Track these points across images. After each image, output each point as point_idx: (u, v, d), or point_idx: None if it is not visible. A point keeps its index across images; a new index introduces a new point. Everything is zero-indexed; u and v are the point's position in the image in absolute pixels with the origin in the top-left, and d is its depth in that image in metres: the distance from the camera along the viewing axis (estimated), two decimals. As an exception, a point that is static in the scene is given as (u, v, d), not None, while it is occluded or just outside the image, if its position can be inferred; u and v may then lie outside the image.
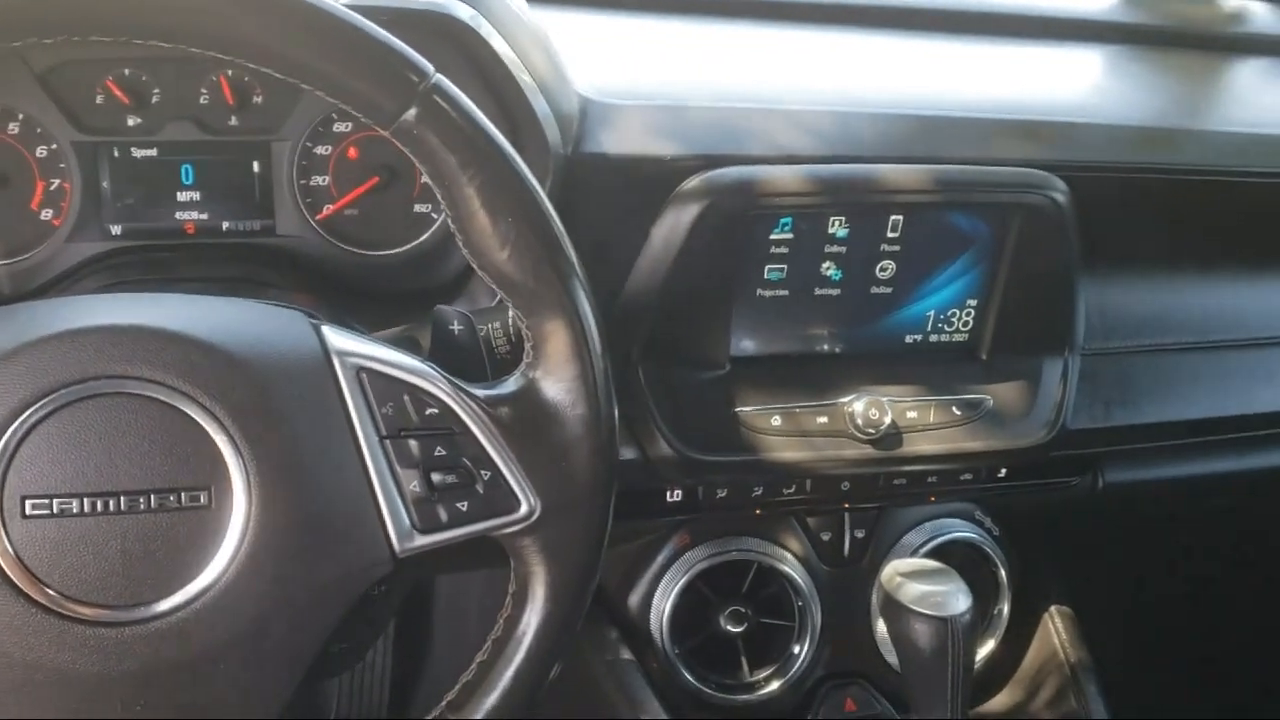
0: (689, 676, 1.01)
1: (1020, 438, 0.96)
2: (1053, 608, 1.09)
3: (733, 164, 0.87)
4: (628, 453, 0.91)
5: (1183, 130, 1.07)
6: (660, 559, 1.01)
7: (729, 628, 1.01)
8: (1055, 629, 1.08)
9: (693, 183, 0.87)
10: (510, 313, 0.68)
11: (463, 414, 0.64)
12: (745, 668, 1.03)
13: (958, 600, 0.85)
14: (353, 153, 0.93)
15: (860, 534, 1.05)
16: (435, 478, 0.64)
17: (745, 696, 1.02)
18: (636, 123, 0.89)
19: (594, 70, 0.94)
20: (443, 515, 0.64)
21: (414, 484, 0.63)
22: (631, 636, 1.01)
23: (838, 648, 1.06)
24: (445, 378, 0.64)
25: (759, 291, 0.92)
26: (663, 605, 1.00)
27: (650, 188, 0.88)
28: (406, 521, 0.63)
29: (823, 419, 0.93)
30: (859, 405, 0.93)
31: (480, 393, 0.65)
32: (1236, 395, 1.06)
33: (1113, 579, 1.33)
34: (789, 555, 1.03)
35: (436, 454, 0.64)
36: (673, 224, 0.87)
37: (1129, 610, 1.37)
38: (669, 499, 0.97)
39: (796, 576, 1.02)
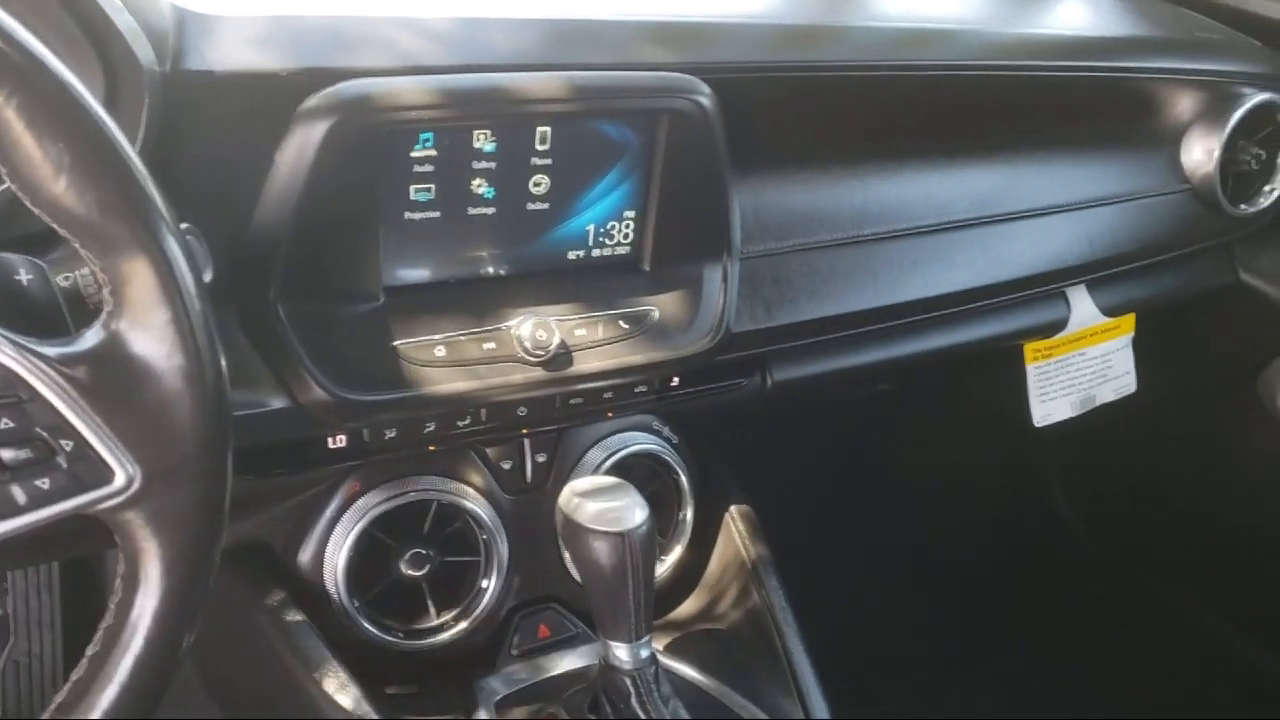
0: (370, 628, 0.95)
1: (687, 345, 0.96)
2: (732, 508, 1.12)
3: (356, 78, 0.80)
4: (277, 401, 0.84)
5: (824, 27, 1.09)
6: (330, 511, 0.95)
7: (410, 572, 0.96)
8: (736, 529, 1.11)
9: (314, 100, 0.79)
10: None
11: (30, 377, 0.55)
12: (432, 610, 0.98)
13: (634, 514, 0.85)
14: (-94, 84, 0.78)
15: (542, 458, 1.03)
16: (5, 454, 0.54)
17: (434, 639, 0.98)
18: (242, 35, 0.79)
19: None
20: (19, 497, 0.55)
21: None
22: (304, 596, 0.94)
23: (528, 576, 1.04)
24: (5, 337, 0.55)
25: (407, 214, 0.87)
26: (336, 559, 0.94)
27: (268, 107, 0.79)
28: None
29: (489, 345, 0.89)
30: (526, 328, 0.89)
31: (51, 351, 0.55)
32: (887, 286, 1.11)
33: (786, 473, 1.39)
34: (470, 489, 0.99)
35: (3, 426, 0.54)
36: (299, 146, 0.79)
37: (803, 502, 1.44)
38: (331, 446, 0.91)
39: (479, 510, 0.98)
